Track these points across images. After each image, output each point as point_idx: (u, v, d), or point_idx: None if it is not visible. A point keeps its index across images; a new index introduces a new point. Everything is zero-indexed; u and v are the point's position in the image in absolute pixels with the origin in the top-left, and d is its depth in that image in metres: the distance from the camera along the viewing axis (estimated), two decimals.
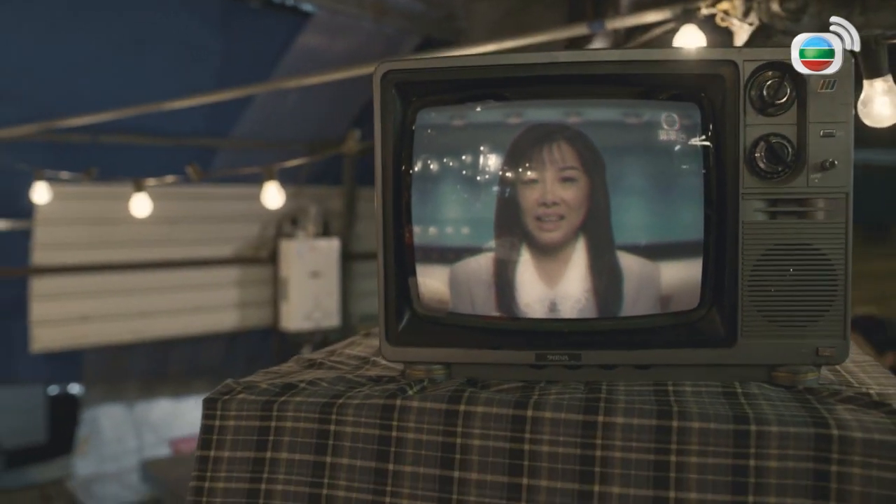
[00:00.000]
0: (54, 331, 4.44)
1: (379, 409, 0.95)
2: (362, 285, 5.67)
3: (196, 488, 0.99)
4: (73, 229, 4.43)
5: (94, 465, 4.77)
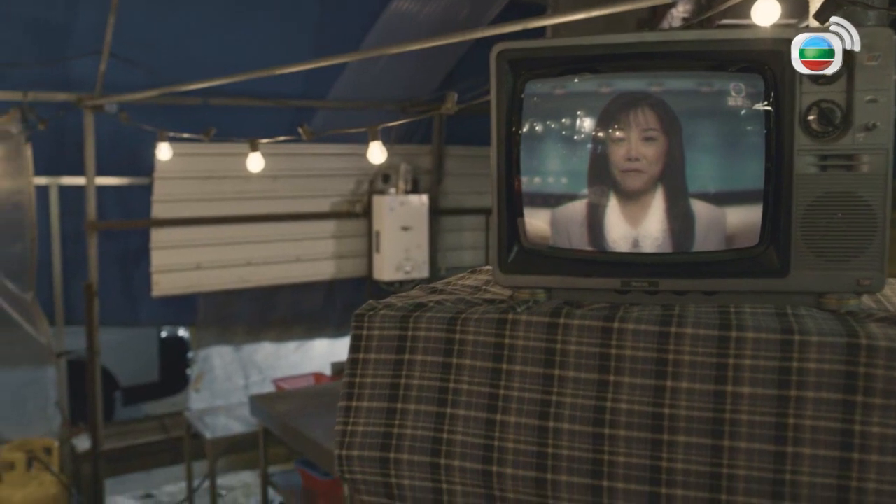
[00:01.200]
0: (171, 277, 4.88)
1: (494, 323, 1.20)
2: (449, 239, 5.95)
3: (349, 383, 1.27)
4: (188, 185, 4.82)
5: (206, 400, 5.23)
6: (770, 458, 1.05)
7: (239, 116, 4.94)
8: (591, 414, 1.12)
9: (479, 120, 4.65)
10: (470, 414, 1.18)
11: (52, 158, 4.70)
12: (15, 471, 4.37)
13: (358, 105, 5.25)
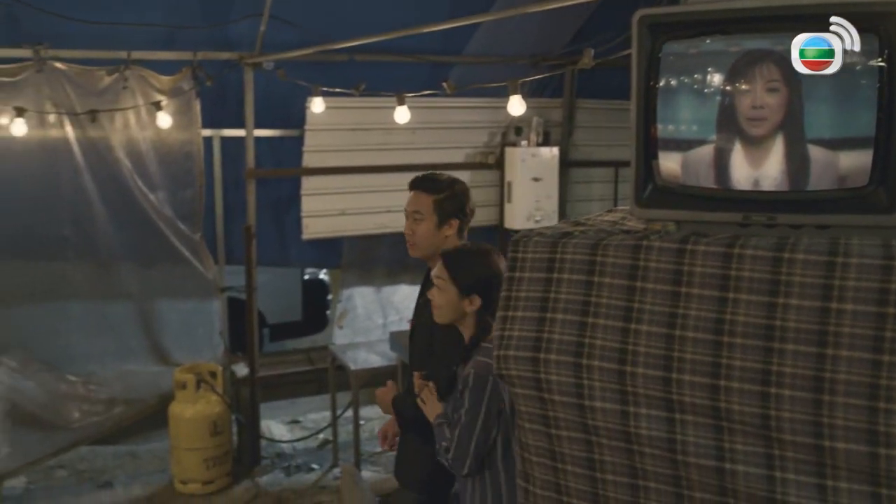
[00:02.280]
0: (319, 222, 5.29)
1: (631, 248, 1.42)
2: (578, 190, 6.11)
3: (506, 297, 1.53)
4: (335, 136, 5.19)
5: (348, 336, 5.66)
6: (868, 366, 1.24)
7: (380, 71, 5.21)
8: (712, 325, 1.33)
9: (610, 74, 4.79)
10: (608, 323, 1.41)
11: (216, 112, 5.15)
12: (186, 390, 4.95)
13: (492, 60, 5.44)
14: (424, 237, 2.90)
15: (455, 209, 2.92)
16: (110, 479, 5.32)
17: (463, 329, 2.54)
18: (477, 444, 2.41)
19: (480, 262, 2.55)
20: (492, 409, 2.41)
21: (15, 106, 4.29)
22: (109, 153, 4.73)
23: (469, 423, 2.41)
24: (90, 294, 4.94)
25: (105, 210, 4.80)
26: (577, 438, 1.45)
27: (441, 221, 2.90)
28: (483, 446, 2.41)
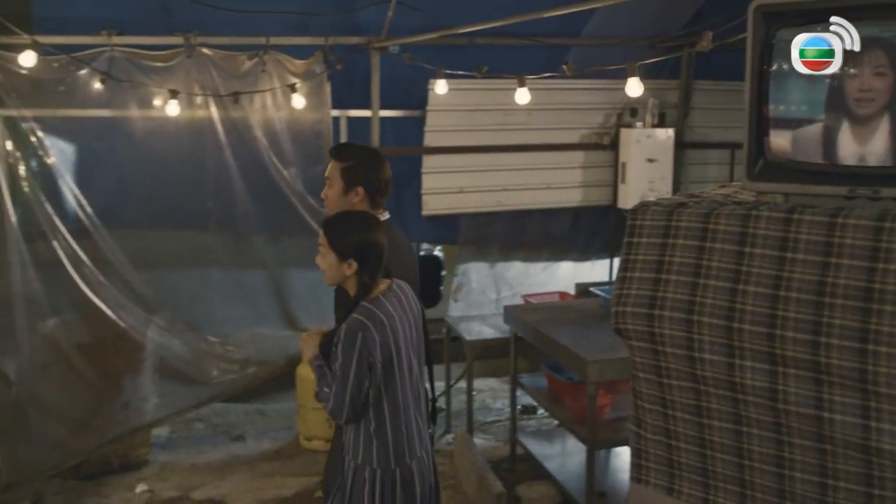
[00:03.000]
0: (438, 199, 5.55)
1: (741, 217, 1.58)
2: (693, 172, 6.12)
3: (625, 260, 1.71)
4: (455, 116, 5.42)
5: (462, 309, 5.91)
6: None
7: (499, 54, 5.38)
8: (815, 286, 1.47)
9: (727, 55, 4.81)
10: (718, 284, 1.57)
11: (343, 94, 5.45)
12: None
13: (610, 42, 5.51)
14: (333, 201, 3.08)
15: (361, 178, 3.04)
16: (242, 433, 5.79)
17: (349, 290, 2.68)
18: (351, 396, 2.54)
19: (356, 229, 2.66)
20: (362, 362, 2.53)
21: (169, 88, 4.72)
22: (248, 132, 5.12)
23: (342, 377, 2.54)
24: (229, 262, 5.36)
25: (243, 184, 5.20)
26: (686, 387, 1.62)
27: (347, 188, 3.04)
28: (357, 397, 2.55)
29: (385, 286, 2.71)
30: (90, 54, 4.67)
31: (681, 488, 1.64)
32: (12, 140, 4.68)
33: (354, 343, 2.52)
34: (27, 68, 4.45)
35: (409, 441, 2.70)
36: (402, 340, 2.67)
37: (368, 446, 2.64)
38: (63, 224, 4.76)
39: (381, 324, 2.58)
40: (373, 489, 2.65)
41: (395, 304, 2.69)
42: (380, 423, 2.63)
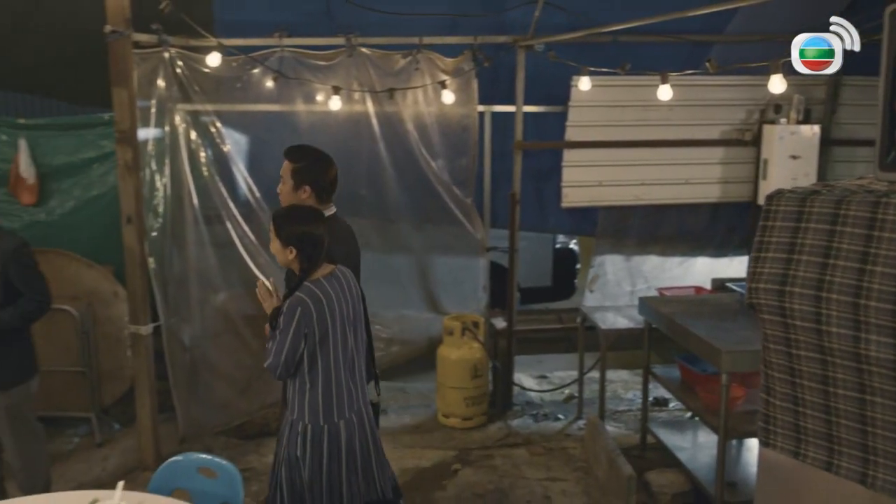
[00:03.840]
0: (577, 192, 5.72)
1: (871, 203, 1.72)
2: (839, 170, 5.98)
3: (759, 241, 1.88)
4: (597, 112, 5.57)
5: (597, 300, 6.06)
6: None
7: (641, 51, 5.48)
8: None
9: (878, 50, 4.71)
10: (847, 264, 1.72)
11: (489, 90, 5.72)
12: (453, 336, 5.65)
13: (753, 38, 5.50)
14: (284, 196, 3.52)
15: (308, 178, 3.50)
16: (384, 408, 6.18)
17: (295, 271, 3.13)
18: (286, 358, 3.03)
19: (298, 221, 3.10)
20: (299, 331, 3.00)
21: (332, 85, 5.14)
22: (400, 125, 5.49)
23: (280, 341, 3.02)
24: (378, 246, 5.75)
25: (394, 174, 5.57)
26: (813, 358, 1.77)
27: (296, 186, 3.49)
28: (291, 359, 3.05)
29: (328, 270, 3.17)
30: (263, 54, 5.16)
31: (806, 452, 1.79)
32: (195, 130, 5.23)
33: (294, 315, 3.00)
34: (211, 67, 4.98)
35: (338, 403, 3.15)
36: (337, 317, 3.11)
37: (302, 404, 3.13)
38: (234, 206, 5.28)
39: (318, 301, 3.04)
40: (304, 440, 3.13)
41: (334, 285, 3.14)
42: (312, 385, 3.11)
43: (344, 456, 3.18)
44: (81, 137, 5.68)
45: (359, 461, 3.24)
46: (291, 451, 3.17)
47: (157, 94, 5.00)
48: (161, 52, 4.92)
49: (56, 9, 5.31)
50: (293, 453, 3.16)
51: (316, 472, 3.15)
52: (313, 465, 3.14)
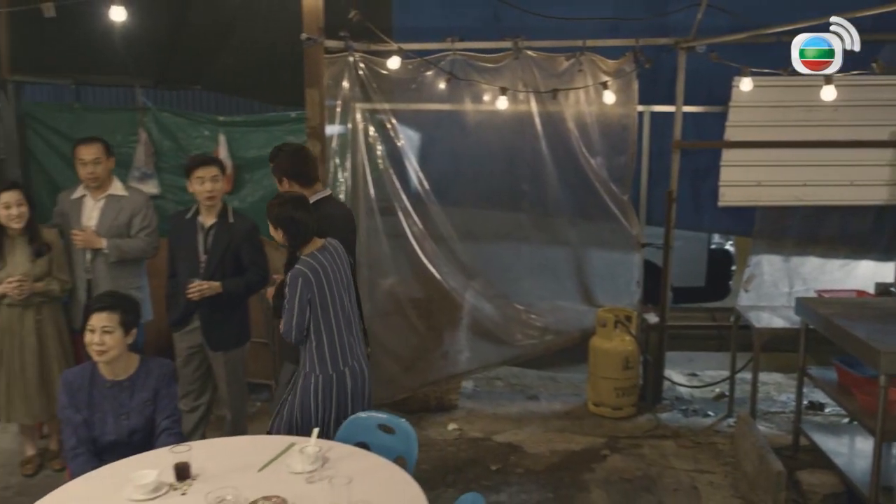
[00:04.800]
0: (735, 191, 5.76)
1: None
2: None
3: None
4: (757, 112, 5.59)
5: (752, 300, 6.06)
6: None
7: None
8: None
9: None
10: None
11: (648, 90, 5.87)
12: (606, 328, 5.85)
13: None
14: (280, 188, 4.18)
15: (281, 171, 4.18)
16: (536, 394, 6.48)
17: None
18: (297, 322, 3.60)
19: (281, 208, 3.64)
20: (303, 298, 3.57)
21: (499, 86, 5.48)
22: (562, 124, 5.75)
23: (289, 309, 3.59)
24: (537, 239, 6.04)
25: (554, 171, 5.83)
26: None
27: (279, 180, 4.20)
28: (301, 323, 3.61)
29: (318, 244, 3.70)
30: (437, 58, 5.57)
31: None
32: (372, 127, 5.72)
33: (297, 286, 3.56)
34: (391, 70, 5.45)
35: (341, 354, 3.73)
36: (332, 283, 3.67)
37: (312, 358, 3.69)
38: (406, 197, 5.73)
39: (315, 271, 3.59)
40: (316, 387, 3.69)
41: (326, 256, 3.69)
42: (319, 341, 3.68)
43: (349, 398, 3.79)
44: (271, 133, 6.32)
45: (358, 403, 3.84)
46: (305, 398, 3.70)
47: (341, 94, 5.53)
48: (346, 56, 5.44)
49: (255, 22, 5.96)
50: (307, 399, 3.70)
51: (327, 411, 3.74)
52: (325, 407, 3.72)
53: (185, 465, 3.05)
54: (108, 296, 3.70)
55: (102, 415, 3.51)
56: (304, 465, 3.09)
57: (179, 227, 4.61)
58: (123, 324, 3.49)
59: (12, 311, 4.70)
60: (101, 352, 3.45)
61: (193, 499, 2.89)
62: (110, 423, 3.51)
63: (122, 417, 3.52)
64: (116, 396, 3.53)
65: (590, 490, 4.82)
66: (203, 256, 4.51)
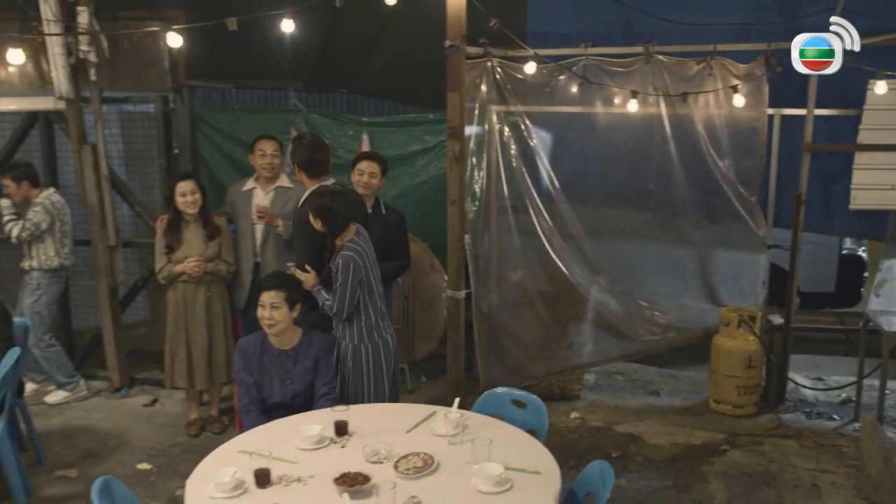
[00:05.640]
0: (867, 194, 5.70)
1: None
2: None
3: None
4: (892, 115, 5.58)
5: (884, 304, 6.00)
6: None
7: None
8: None
9: None
10: None
11: (778, 93, 5.90)
12: (729, 327, 5.95)
13: None
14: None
15: (295, 160, 4.69)
16: (657, 390, 6.65)
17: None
18: (349, 303, 4.09)
19: (321, 199, 4.08)
20: (356, 280, 4.05)
21: (631, 90, 5.70)
22: (691, 126, 5.90)
23: (342, 291, 4.06)
24: (662, 238, 6.20)
25: (682, 172, 5.98)
26: None
27: (295, 171, 4.75)
28: (352, 303, 4.10)
29: (353, 231, 4.17)
30: (570, 62, 5.84)
31: None
32: (507, 128, 6.06)
33: (349, 269, 4.03)
34: (526, 74, 5.77)
35: (377, 326, 4.23)
36: (369, 264, 4.16)
37: (361, 332, 4.19)
38: (537, 195, 6.03)
39: (360, 255, 4.08)
40: (367, 354, 4.20)
41: (362, 241, 4.17)
42: (366, 316, 4.19)
43: (383, 363, 4.28)
44: (410, 133, 6.79)
45: (391, 367, 4.34)
46: (357, 366, 4.22)
47: (479, 97, 5.89)
48: (485, 61, 5.80)
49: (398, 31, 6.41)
50: (359, 367, 4.22)
51: (378, 375, 4.27)
52: (376, 371, 4.26)
53: (343, 423, 3.48)
54: (275, 276, 4.20)
55: (270, 379, 4.01)
56: (447, 428, 3.45)
57: None
58: (288, 300, 3.97)
59: (187, 287, 5.33)
60: (270, 325, 3.94)
61: (351, 451, 3.30)
62: (277, 386, 4.00)
63: (287, 382, 4.00)
64: (283, 364, 4.01)
65: (708, 481, 4.97)
66: None
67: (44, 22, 5.71)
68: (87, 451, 5.45)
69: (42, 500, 4.78)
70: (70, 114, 6.06)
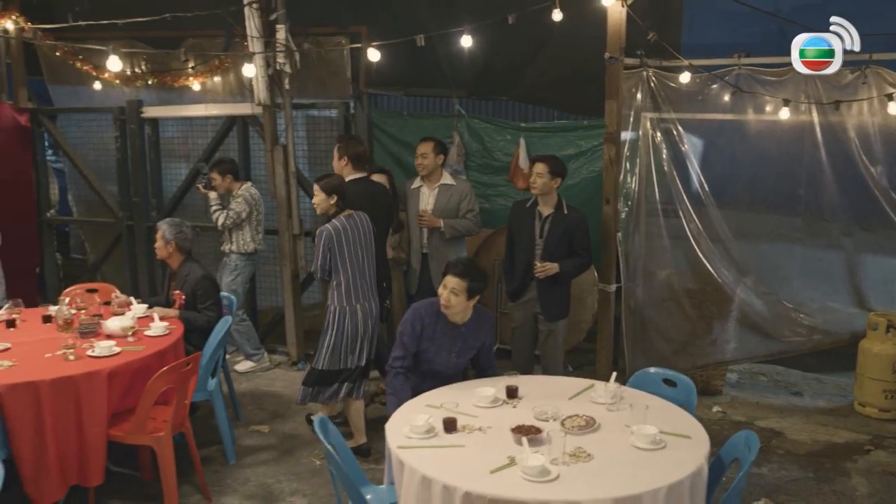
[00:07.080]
0: None
1: None
2: None
3: None
4: None
5: None
6: None
7: None
8: None
9: None
10: None
11: None
12: (877, 331, 6.05)
13: None
14: (335, 166, 5.71)
15: (346, 151, 5.61)
16: (800, 391, 6.79)
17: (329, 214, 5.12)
18: (320, 264, 5.06)
19: (338, 180, 5.11)
20: (325, 248, 5.00)
21: (782, 98, 5.93)
22: (843, 133, 6.03)
23: (316, 255, 5.12)
24: (810, 242, 6.34)
25: (832, 177, 6.11)
26: None
27: (339, 157, 5.67)
28: (324, 266, 5.06)
29: (348, 213, 5.05)
30: (723, 72, 6.13)
31: None
32: (659, 134, 6.42)
33: (322, 237, 4.97)
34: (680, 83, 6.12)
35: (354, 293, 5.06)
36: (351, 241, 5.02)
37: (339, 296, 5.06)
38: (686, 198, 6.36)
39: (336, 230, 4.96)
40: (343, 316, 5.06)
41: (351, 222, 5.04)
42: (339, 282, 5.04)
43: (360, 326, 5.09)
44: (564, 138, 7.26)
45: (368, 334, 5.15)
46: (333, 327, 5.08)
47: (634, 104, 6.28)
48: (641, 71, 6.19)
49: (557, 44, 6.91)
50: (336, 328, 5.08)
51: (340, 334, 5.07)
52: (348, 332, 5.08)
53: (514, 387, 4.00)
54: (464, 264, 4.24)
55: (437, 348, 4.36)
56: (605, 397, 3.91)
57: (520, 214, 5.66)
58: (469, 290, 4.20)
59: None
60: (446, 307, 4.24)
61: (522, 411, 3.81)
62: (443, 356, 4.37)
63: (453, 355, 4.41)
64: (453, 337, 4.41)
65: (850, 476, 5.15)
66: (538, 240, 5.52)
67: (249, 38, 6.57)
68: (274, 411, 6.25)
69: (242, 447, 5.57)
70: (266, 118, 6.91)
